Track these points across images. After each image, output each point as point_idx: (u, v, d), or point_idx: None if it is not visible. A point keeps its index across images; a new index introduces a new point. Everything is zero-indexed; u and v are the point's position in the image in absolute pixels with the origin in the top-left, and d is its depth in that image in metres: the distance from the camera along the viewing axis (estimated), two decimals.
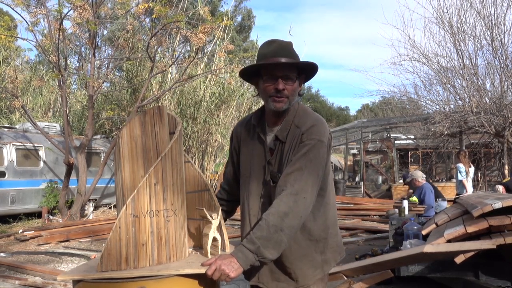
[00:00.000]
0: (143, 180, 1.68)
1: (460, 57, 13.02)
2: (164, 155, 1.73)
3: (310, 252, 1.91)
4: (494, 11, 12.35)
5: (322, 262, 1.95)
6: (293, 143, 1.86)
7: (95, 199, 12.44)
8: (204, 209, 1.88)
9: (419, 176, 7.93)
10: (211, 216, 1.86)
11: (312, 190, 1.78)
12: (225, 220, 2.16)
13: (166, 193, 1.75)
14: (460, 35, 12.91)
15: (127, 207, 1.66)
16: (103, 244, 7.92)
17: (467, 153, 9.89)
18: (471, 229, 3.76)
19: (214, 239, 1.88)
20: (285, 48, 1.88)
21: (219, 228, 1.90)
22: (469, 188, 9.02)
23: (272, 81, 1.88)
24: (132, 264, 1.68)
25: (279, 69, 1.86)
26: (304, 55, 31.54)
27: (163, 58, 13.40)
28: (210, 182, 13.19)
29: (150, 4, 10.40)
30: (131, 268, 1.67)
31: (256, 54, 1.97)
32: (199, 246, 2.01)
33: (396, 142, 17.86)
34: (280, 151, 1.92)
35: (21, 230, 8.88)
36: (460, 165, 9.10)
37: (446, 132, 13.46)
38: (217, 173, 13.67)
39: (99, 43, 16.72)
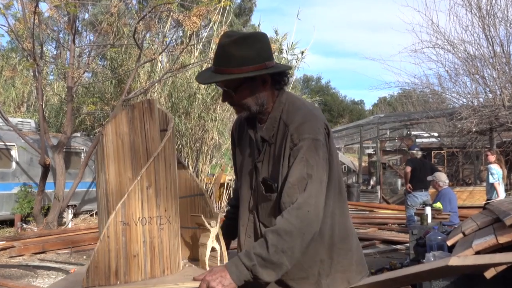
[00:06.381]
0: (135, 183, 1.69)
1: (490, 44, 12.99)
2: (157, 155, 1.74)
3: (313, 273, 1.86)
4: None
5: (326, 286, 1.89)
6: (283, 145, 1.81)
7: (75, 205, 12.46)
8: (202, 215, 1.88)
9: (442, 179, 7.98)
10: (209, 224, 1.86)
11: (317, 201, 1.73)
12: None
13: (159, 198, 1.76)
14: (490, 19, 12.88)
15: (116, 213, 1.66)
16: (84, 257, 7.96)
17: (499, 153, 9.90)
18: (503, 239, 3.75)
19: (213, 249, 1.88)
20: (221, 55, 1.82)
21: (217, 238, 1.90)
22: (501, 193, 9.01)
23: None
24: (123, 278, 1.68)
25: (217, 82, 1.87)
26: (313, 42, 31.41)
27: (152, 45, 13.40)
28: (206, 186, 13.19)
29: None
30: (122, 282, 1.68)
31: None
32: (192, 258, 2.02)
33: (417, 140, 17.82)
34: (267, 153, 1.88)
35: None
36: (492, 166, 9.08)
37: (474, 129, 13.43)
38: (213, 176, 13.68)
39: (79, 28, 16.73)
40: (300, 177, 1.73)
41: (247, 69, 1.79)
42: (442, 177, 8.12)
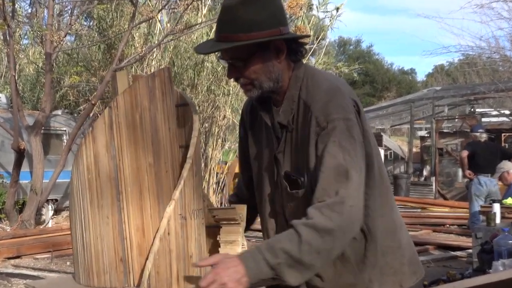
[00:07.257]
0: (188, 167, 1.73)
1: None
2: (197, 137, 1.80)
3: (363, 279, 1.90)
4: None
5: None
6: (307, 131, 1.83)
7: (56, 200, 12.58)
8: (236, 207, 1.92)
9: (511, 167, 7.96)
10: (240, 217, 1.93)
11: (359, 194, 1.74)
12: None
13: (200, 188, 1.84)
14: None
15: (175, 205, 1.68)
16: (68, 262, 8.05)
17: None
18: None
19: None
20: (227, 18, 1.85)
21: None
22: None
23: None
24: (183, 285, 1.74)
25: (222, 52, 1.88)
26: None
27: (150, 0, 13.39)
28: (217, 176, 13.23)
29: None
30: None
31: None
32: None
33: (483, 120, 17.62)
34: (289, 142, 1.90)
35: None
36: None
37: None
38: (226, 164, 13.70)
39: None
40: (336, 165, 1.73)
41: (259, 34, 1.79)
42: (510, 166, 8.10)
